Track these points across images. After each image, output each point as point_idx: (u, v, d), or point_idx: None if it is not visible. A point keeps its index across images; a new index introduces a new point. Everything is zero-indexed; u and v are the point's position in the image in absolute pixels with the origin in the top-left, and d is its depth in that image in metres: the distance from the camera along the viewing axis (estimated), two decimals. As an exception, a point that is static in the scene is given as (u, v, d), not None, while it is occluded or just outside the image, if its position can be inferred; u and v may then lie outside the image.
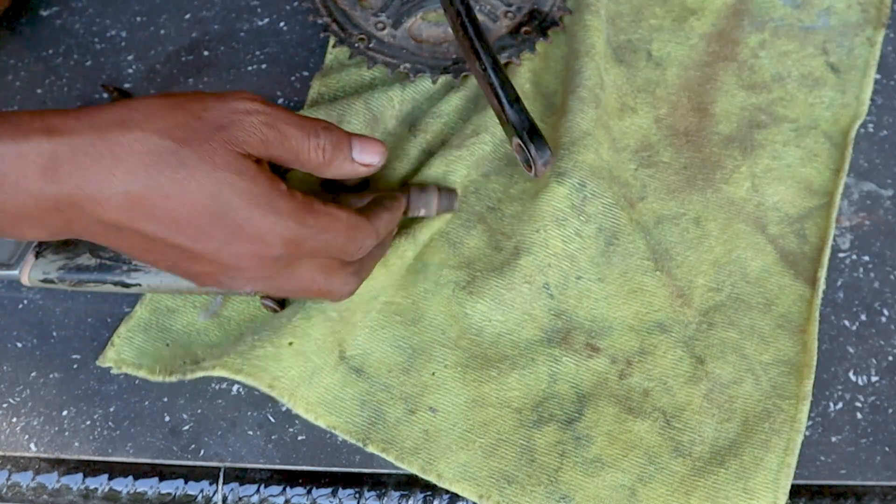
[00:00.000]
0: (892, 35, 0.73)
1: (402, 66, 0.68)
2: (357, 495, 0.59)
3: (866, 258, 0.65)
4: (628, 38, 0.73)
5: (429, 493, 0.59)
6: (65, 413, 0.60)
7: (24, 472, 0.59)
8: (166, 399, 0.60)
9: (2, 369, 0.61)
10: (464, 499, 0.58)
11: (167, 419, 0.60)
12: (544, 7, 0.72)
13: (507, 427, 0.59)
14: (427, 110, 0.69)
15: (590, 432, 0.58)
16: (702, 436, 0.58)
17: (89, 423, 0.60)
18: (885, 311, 0.63)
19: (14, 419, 0.60)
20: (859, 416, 0.60)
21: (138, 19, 0.75)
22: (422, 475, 0.57)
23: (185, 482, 0.59)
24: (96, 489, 0.59)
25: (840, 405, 0.60)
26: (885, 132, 0.70)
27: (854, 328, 0.62)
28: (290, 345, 0.57)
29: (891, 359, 0.61)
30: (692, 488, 0.57)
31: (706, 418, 0.59)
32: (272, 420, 0.59)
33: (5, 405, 0.60)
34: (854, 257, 0.65)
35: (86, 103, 0.70)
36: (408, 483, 0.59)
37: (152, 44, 0.74)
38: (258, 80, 0.72)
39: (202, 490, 0.59)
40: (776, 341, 0.61)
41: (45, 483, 0.59)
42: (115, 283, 0.60)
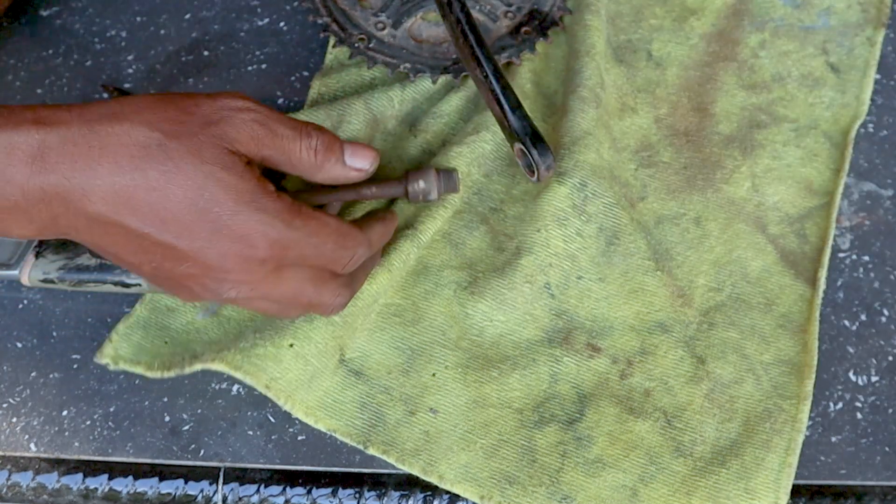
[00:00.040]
0: (892, 35, 0.73)
1: (402, 66, 0.68)
2: (357, 495, 0.59)
3: (866, 258, 0.65)
4: (628, 38, 0.73)
5: (429, 493, 0.59)
6: (65, 413, 0.60)
7: (24, 472, 0.59)
8: (166, 399, 0.60)
9: (2, 369, 0.61)
10: (464, 499, 0.58)
11: (167, 419, 0.60)
12: (544, 7, 0.72)
13: (508, 428, 0.59)
14: (427, 110, 0.69)
15: (591, 432, 0.58)
16: (703, 436, 0.58)
17: (89, 423, 0.60)
18: (885, 311, 0.63)
19: (14, 419, 0.60)
20: (859, 416, 0.60)
21: (138, 19, 0.75)
22: (423, 476, 0.57)
23: (185, 482, 0.59)
24: (96, 489, 0.59)
25: (840, 405, 0.60)
26: (885, 132, 0.70)
27: (854, 328, 0.63)
28: (290, 346, 0.57)
29: (891, 359, 0.61)
30: (693, 488, 0.57)
31: (707, 418, 0.59)
32: (272, 420, 0.59)
33: (5, 405, 0.60)
34: (854, 257, 0.65)
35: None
36: (408, 483, 0.59)
37: (152, 44, 0.74)
38: (258, 80, 0.72)
39: (202, 490, 0.59)
40: (777, 341, 0.61)
41: (45, 483, 0.59)
42: (115, 283, 0.60)
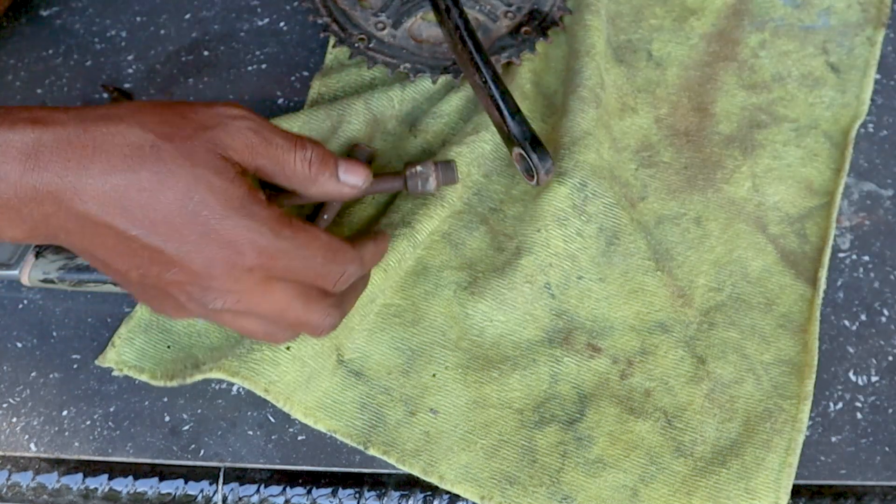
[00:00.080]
0: (892, 35, 0.73)
1: (402, 66, 0.68)
2: (357, 495, 0.59)
3: (866, 258, 0.65)
4: (628, 38, 0.73)
5: (429, 493, 0.58)
6: (65, 413, 0.60)
7: (24, 472, 0.59)
8: (166, 399, 0.60)
9: (2, 369, 0.61)
10: (465, 499, 0.58)
11: (167, 419, 0.60)
12: (544, 7, 0.72)
13: (508, 428, 0.59)
14: (427, 110, 0.69)
15: (591, 433, 0.58)
16: (703, 436, 0.58)
17: (89, 423, 0.60)
18: (885, 311, 0.63)
19: (14, 419, 0.60)
20: (859, 416, 0.60)
21: (138, 19, 0.75)
22: (423, 477, 0.57)
23: (185, 482, 0.59)
24: (96, 489, 0.59)
25: (840, 405, 0.60)
26: (885, 132, 0.70)
27: (854, 328, 0.62)
28: (287, 349, 0.57)
29: (891, 359, 0.61)
30: (694, 488, 0.56)
31: (707, 418, 0.59)
32: (272, 420, 0.59)
33: (5, 405, 0.60)
34: (854, 257, 0.65)
35: (86, 103, 0.70)
36: (408, 483, 0.59)
37: (152, 44, 0.74)
38: (258, 80, 0.72)
39: (202, 490, 0.59)
40: (777, 341, 0.61)
41: (45, 483, 0.59)
42: (115, 283, 0.60)
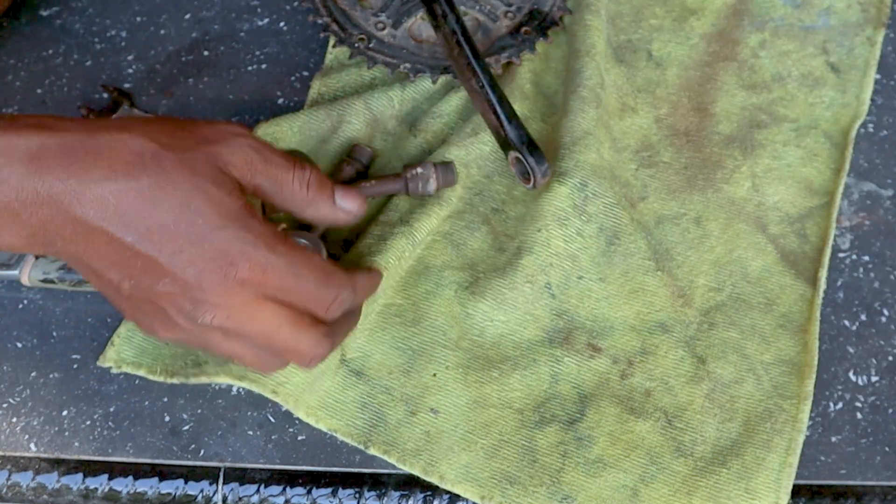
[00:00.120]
0: (892, 35, 0.73)
1: (402, 66, 0.68)
2: (357, 495, 0.59)
3: (866, 258, 0.65)
4: (628, 38, 0.73)
5: (429, 493, 0.58)
6: (65, 413, 0.60)
7: (24, 472, 0.59)
8: (166, 399, 0.60)
9: (2, 369, 0.61)
10: (465, 499, 0.58)
11: (167, 419, 0.60)
12: (544, 7, 0.72)
13: (508, 428, 0.59)
14: (427, 110, 0.69)
15: (591, 433, 0.58)
16: (703, 436, 0.58)
17: (89, 423, 0.60)
18: (885, 311, 0.63)
19: (14, 419, 0.60)
20: (859, 416, 0.60)
21: (138, 19, 0.75)
22: (424, 477, 0.57)
23: (185, 482, 0.59)
24: (96, 489, 0.59)
25: (840, 405, 0.60)
26: (885, 132, 0.70)
27: (854, 328, 0.62)
28: None
29: (891, 359, 0.61)
30: (694, 488, 0.56)
31: (708, 418, 0.59)
32: (272, 420, 0.59)
33: (5, 405, 0.60)
34: (854, 257, 0.65)
35: (86, 103, 0.70)
36: (408, 483, 0.59)
37: (152, 44, 0.74)
38: (258, 80, 0.72)
39: (202, 490, 0.59)
40: (777, 341, 0.61)
41: (45, 483, 0.59)
42: None
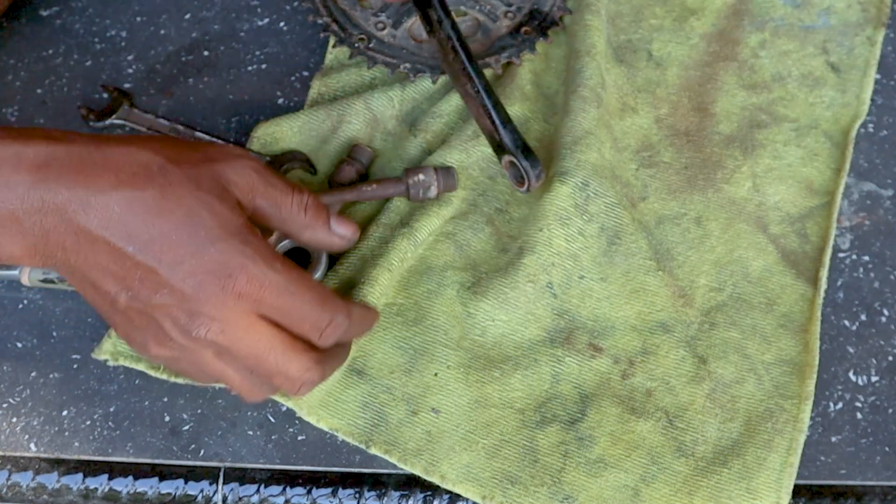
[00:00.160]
0: (892, 35, 0.73)
1: (402, 66, 0.68)
2: (357, 495, 0.59)
3: (866, 258, 0.65)
4: (629, 38, 0.73)
5: (429, 493, 0.58)
6: (65, 413, 0.60)
7: (24, 472, 0.59)
8: (166, 399, 0.60)
9: (2, 369, 0.61)
10: (465, 499, 0.58)
11: (167, 419, 0.60)
12: (544, 7, 0.72)
13: (510, 428, 0.59)
14: (427, 110, 0.69)
15: (593, 433, 0.58)
16: (704, 436, 0.58)
17: (89, 423, 0.60)
18: (885, 311, 0.63)
19: (14, 419, 0.60)
20: (859, 416, 0.60)
21: (138, 19, 0.75)
22: (425, 476, 0.57)
23: (185, 482, 0.59)
24: (96, 489, 0.59)
25: (840, 405, 0.60)
26: (885, 132, 0.70)
27: (854, 328, 0.63)
28: None
29: (891, 359, 0.61)
30: (695, 488, 0.57)
31: (709, 418, 0.59)
32: (272, 420, 0.59)
33: (5, 405, 0.60)
34: (854, 257, 0.65)
35: (86, 103, 0.70)
36: (408, 483, 0.59)
37: (152, 44, 0.74)
38: (258, 80, 0.72)
39: (202, 490, 0.59)
40: (778, 341, 0.61)
41: (45, 483, 0.59)
42: None
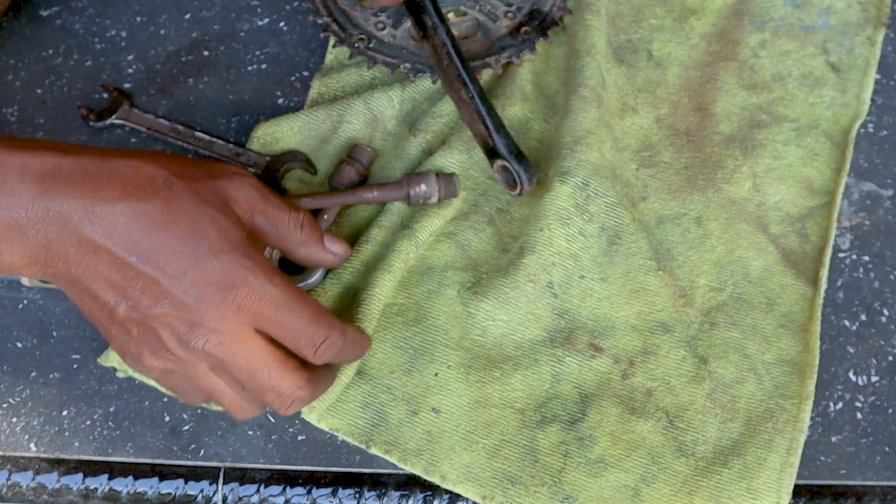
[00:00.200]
0: (892, 35, 0.73)
1: (402, 66, 0.68)
2: (357, 495, 0.59)
3: (866, 258, 0.65)
4: (629, 38, 0.73)
5: (429, 493, 0.59)
6: (65, 413, 0.60)
7: (24, 472, 0.59)
8: (166, 399, 0.60)
9: (2, 369, 0.61)
10: (466, 499, 0.58)
11: (167, 419, 0.60)
12: (544, 7, 0.72)
13: (510, 428, 0.59)
14: (427, 110, 0.69)
15: (593, 433, 0.58)
16: (705, 436, 0.58)
17: (89, 423, 0.60)
18: (885, 311, 0.63)
19: (14, 419, 0.60)
20: (859, 416, 0.60)
21: (138, 19, 0.75)
22: (425, 476, 0.57)
23: (185, 482, 0.59)
24: (96, 489, 0.59)
25: (840, 405, 0.60)
26: (885, 132, 0.70)
27: (854, 328, 0.63)
28: None
29: (891, 359, 0.61)
30: (695, 488, 0.57)
31: (709, 418, 0.59)
32: (272, 420, 0.59)
33: (5, 405, 0.60)
34: (854, 257, 0.65)
35: (86, 103, 0.70)
36: (408, 483, 0.59)
37: (152, 44, 0.74)
38: (258, 80, 0.72)
39: (202, 490, 0.59)
40: (778, 341, 0.61)
41: (45, 483, 0.59)
42: None
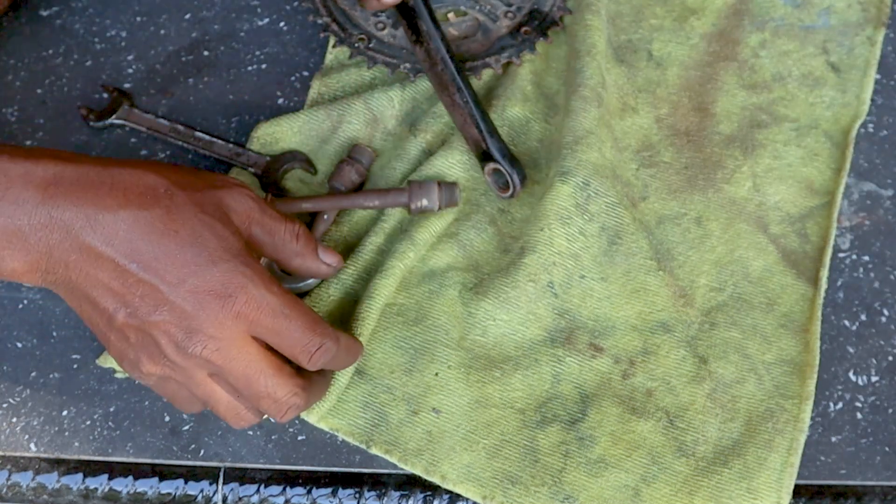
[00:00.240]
0: (892, 35, 0.73)
1: (402, 66, 0.68)
2: (357, 495, 0.59)
3: (866, 258, 0.65)
4: (629, 38, 0.73)
5: (429, 493, 0.59)
6: (65, 413, 0.60)
7: (24, 472, 0.59)
8: (166, 399, 0.60)
9: (2, 369, 0.61)
10: (466, 499, 0.58)
11: (167, 419, 0.60)
12: (544, 7, 0.72)
13: (510, 428, 0.59)
14: (427, 110, 0.69)
15: (593, 433, 0.58)
16: (705, 436, 0.58)
17: (89, 423, 0.60)
18: (885, 311, 0.63)
19: (14, 419, 0.60)
20: (859, 416, 0.60)
21: (138, 19, 0.75)
22: (425, 476, 0.57)
23: (185, 482, 0.59)
24: (96, 489, 0.59)
25: (840, 405, 0.60)
26: (885, 132, 0.70)
27: (854, 328, 0.63)
28: None
29: (891, 359, 0.61)
30: (696, 488, 0.57)
31: (709, 418, 0.59)
32: (272, 420, 0.59)
33: (5, 405, 0.60)
34: (854, 257, 0.65)
35: (86, 103, 0.70)
36: (408, 483, 0.59)
37: (152, 44, 0.74)
38: (258, 80, 0.72)
39: (202, 490, 0.59)
40: (778, 341, 0.61)
41: (45, 483, 0.59)
42: None
